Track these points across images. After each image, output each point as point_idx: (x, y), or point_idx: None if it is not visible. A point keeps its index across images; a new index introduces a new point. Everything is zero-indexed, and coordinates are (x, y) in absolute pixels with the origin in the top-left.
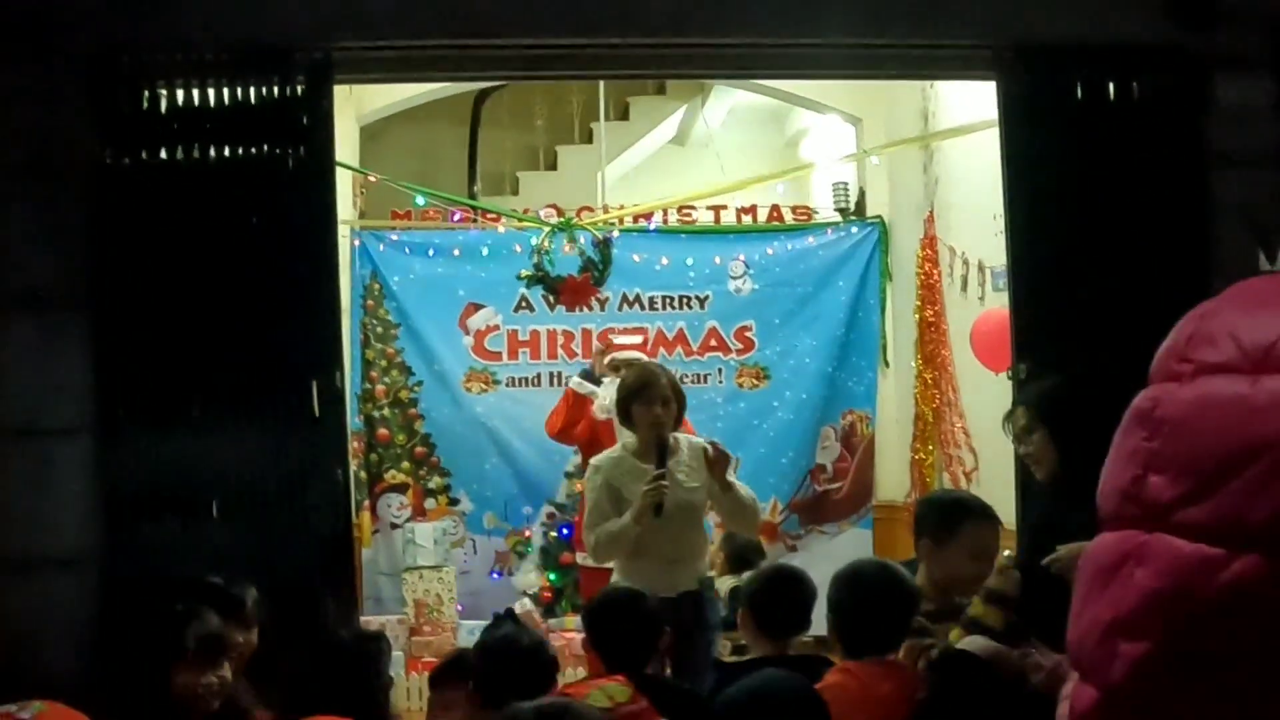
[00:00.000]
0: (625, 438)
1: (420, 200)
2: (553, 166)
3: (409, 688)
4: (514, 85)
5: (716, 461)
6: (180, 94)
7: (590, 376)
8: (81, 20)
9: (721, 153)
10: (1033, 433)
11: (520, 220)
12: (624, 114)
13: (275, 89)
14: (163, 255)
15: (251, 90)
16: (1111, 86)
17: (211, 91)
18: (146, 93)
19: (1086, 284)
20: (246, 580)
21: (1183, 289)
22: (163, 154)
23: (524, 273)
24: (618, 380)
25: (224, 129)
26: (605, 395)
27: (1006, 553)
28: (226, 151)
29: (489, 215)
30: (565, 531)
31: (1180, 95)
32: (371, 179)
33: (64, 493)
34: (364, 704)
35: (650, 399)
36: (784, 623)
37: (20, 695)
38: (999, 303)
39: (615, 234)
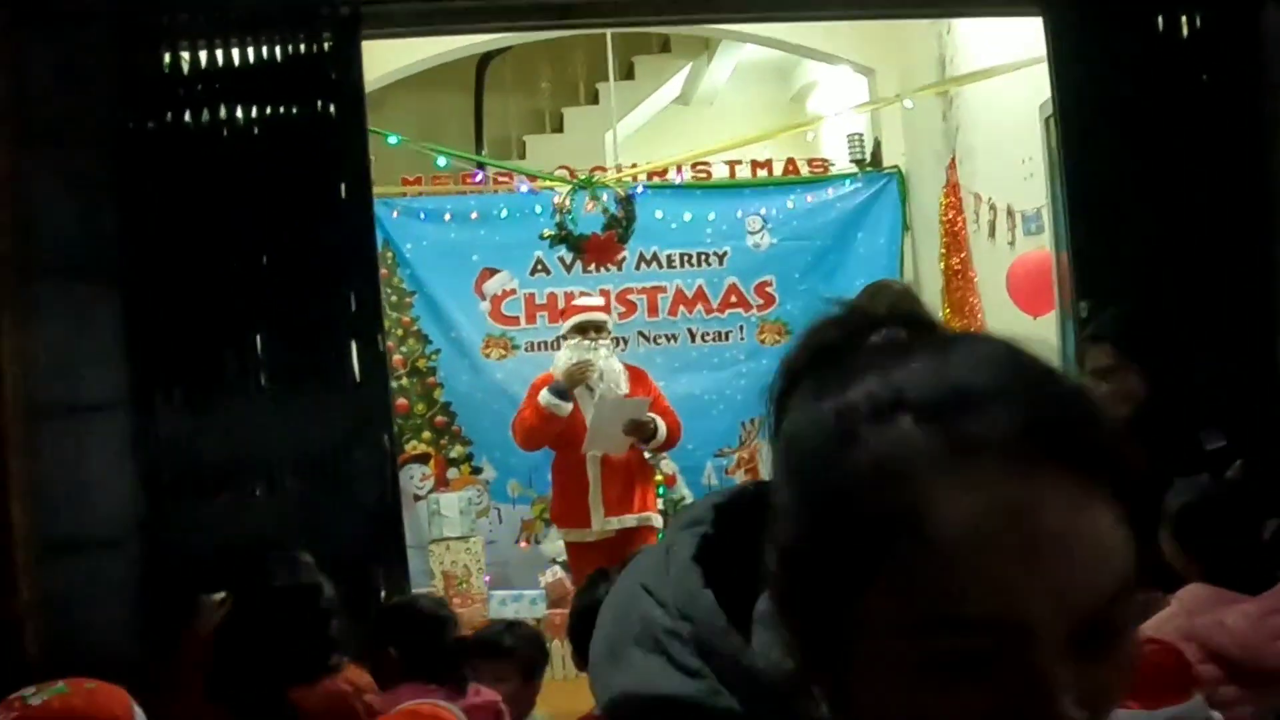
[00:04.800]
0: None
1: (442, 162)
2: (559, 129)
3: None
4: (517, 48)
5: None
6: (204, 54)
7: (561, 393)
8: None
9: (727, 110)
10: (1117, 370)
11: (544, 179)
12: (629, 73)
13: (302, 46)
14: (194, 221)
15: (278, 48)
16: (1162, 19)
17: (236, 51)
18: (169, 55)
19: (1145, 219)
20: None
21: (1241, 220)
22: (189, 117)
23: (547, 232)
24: (584, 344)
25: (251, 89)
26: (571, 357)
27: None
28: (254, 112)
29: (500, 178)
30: None
31: (1232, 25)
32: (391, 141)
33: (102, 469)
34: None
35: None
36: None
37: (66, 675)
38: (1031, 247)
39: (640, 190)
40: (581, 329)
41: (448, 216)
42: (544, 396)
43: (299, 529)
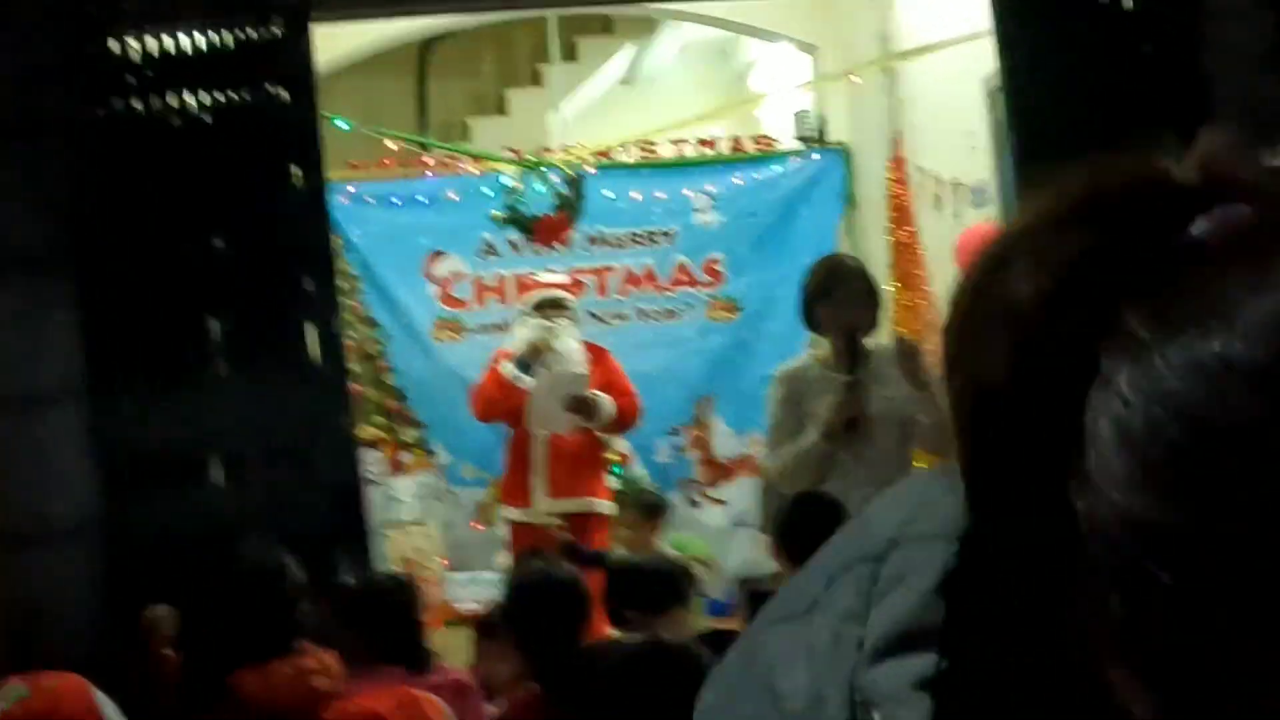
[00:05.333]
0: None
1: (392, 145)
2: (502, 111)
3: None
4: (459, 32)
5: (905, 354)
6: (154, 42)
7: (524, 366)
8: None
9: (670, 90)
10: None
11: (493, 160)
12: (571, 54)
13: (253, 32)
14: (147, 209)
15: (228, 35)
16: None
17: (186, 38)
18: (118, 43)
19: None
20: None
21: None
22: (141, 106)
23: (497, 214)
24: (543, 323)
25: (202, 76)
26: (528, 335)
27: None
28: (206, 99)
29: (444, 162)
30: None
31: None
32: (342, 127)
33: (61, 461)
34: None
35: (840, 299)
36: (812, 549)
37: (29, 669)
38: (977, 219)
39: (592, 170)
40: (540, 307)
41: (397, 200)
42: (506, 366)
43: (263, 514)
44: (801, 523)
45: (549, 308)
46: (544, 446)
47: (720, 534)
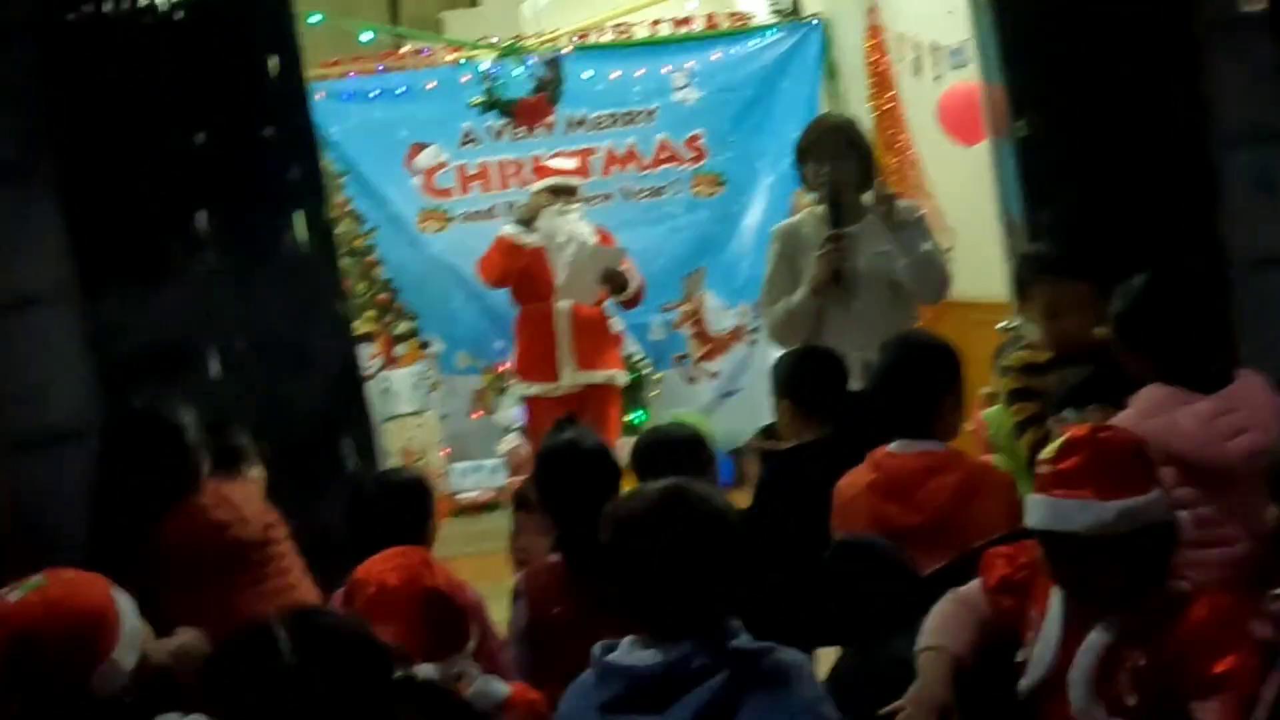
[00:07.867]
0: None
1: (366, 37)
2: (474, 3)
3: None
4: None
5: (881, 198)
6: None
7: (525, 224)
8: None
9: None
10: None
11: (470, 48)
12: None
13: None
14: (126, 107)
15: None
16: None
17: None
18: None
19: (1075, 41)
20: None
21: (1165, 41)
22: (112, 5)
23: (476, 100)
24: (555, 208)
25: None
26: (541, 224)
27: (1001, 324)
28: None
29: (419, 54)
30: None
31: None
32: (311, 21)
33: (56, 362)
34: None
35: (819, 155)
36: (825, 403)
37: (33, 569)
38: (957, 80)
39: (567, 50)
40: (554, 191)
41: (375, 94)
42: (507, 227)
43: (259, 404)
44: (804, 375)
45: (562, 193)
46: (567, 320)
47: (712, 407)
